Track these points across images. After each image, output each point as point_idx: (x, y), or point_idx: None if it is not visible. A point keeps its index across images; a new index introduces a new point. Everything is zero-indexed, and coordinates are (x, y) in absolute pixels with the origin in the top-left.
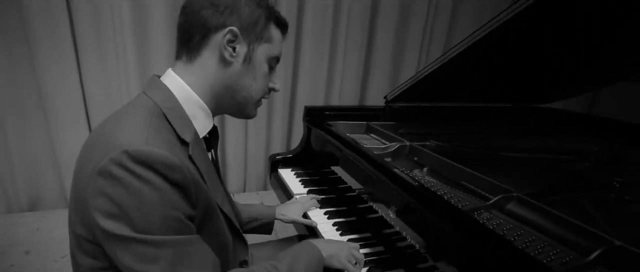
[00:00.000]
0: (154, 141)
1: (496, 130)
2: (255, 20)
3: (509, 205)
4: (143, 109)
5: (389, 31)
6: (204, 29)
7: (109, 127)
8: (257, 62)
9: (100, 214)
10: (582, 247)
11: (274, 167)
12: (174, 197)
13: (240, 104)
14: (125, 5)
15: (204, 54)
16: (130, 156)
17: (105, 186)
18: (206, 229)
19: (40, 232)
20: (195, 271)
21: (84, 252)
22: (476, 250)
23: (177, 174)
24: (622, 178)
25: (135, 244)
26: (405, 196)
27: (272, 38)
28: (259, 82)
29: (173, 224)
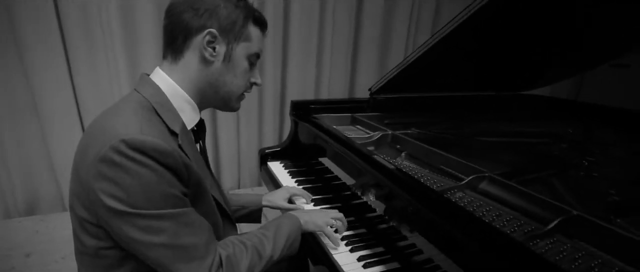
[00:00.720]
0: (148, 130)
1: (478, 117)
2: (233, 21)
3: (482, 184)
4: (135, 103)
5: (375, 24)
6: (185, 31)
7: (107, 119)
8: (236, 60)
9: (106, 196)
10: (543, 219)
11: (263, 160)
12: (168, 177)
13: (223, 99)
14: (113, 9)
15: (187, 55)
16: (127, 144)
17: (108, 171)
18: (198, 208)
19: (40, 235)
20: (195, 237)
21: (88, 234)
22: (447, 226)
23: (169, 159)
24: (593, 157)
25: (140, 218)
26: (383, 179)
27: (250, 36)
28: (239, 78)
29: (171, 200)
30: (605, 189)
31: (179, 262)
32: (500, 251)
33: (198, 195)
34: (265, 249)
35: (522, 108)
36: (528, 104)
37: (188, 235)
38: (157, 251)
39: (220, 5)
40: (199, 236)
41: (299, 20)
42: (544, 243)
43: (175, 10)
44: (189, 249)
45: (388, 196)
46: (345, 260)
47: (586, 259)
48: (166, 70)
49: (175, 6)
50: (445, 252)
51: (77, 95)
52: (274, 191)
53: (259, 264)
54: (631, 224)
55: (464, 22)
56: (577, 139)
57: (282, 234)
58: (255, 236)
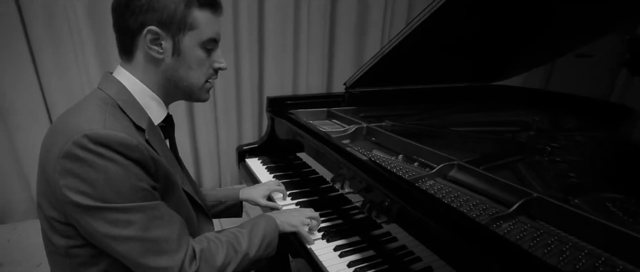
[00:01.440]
0: (111, 124)
1: (451, 108)
2: (172, 12)
3: (451, 172)
4: (98, 100)
5: (350, 18)
6: (128, 33)
7: (69, 116)
8: (187, 51)
9: (72, 191)
10: (507, 202)
11: (241, 157)
12: (136, 171)
13: (185, 92)
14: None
15: (137, 54)
16: (90, 139)
17: (73, 167)
18: (168, 202)
19: (12, 243)
20: (166, 230)
21: (58, 233)
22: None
23: (134, 152)
24: (557, 143)
25: (108, 212)
26: (357, 170)
27: (197, 23)
28: (196, 69)
29: (140, 193)
30: (566, 172)
31: (149, 255)
32: (467, 234)
33: (168, 189)
34: (241, 245)
35: (493, 98)
36: (499, 94)
37: (158, 228)
38: (127, 245)
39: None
40: (169, 229)
41: (274, 16)
42: (507, 225)
43: (114, 11)
44: (159, 242)
45: (362, 187)
46: (322, 251)
47: (544, 238)
48: (126, 68)
49: (115, 8)
50: (418, 238)
51: (46, 98)
52: (252, 186)
53: (235, 259)
54: (586, 203)
55: (434, 13)
56: (543, 127)
57: (258, 232)
58: (230, 233)
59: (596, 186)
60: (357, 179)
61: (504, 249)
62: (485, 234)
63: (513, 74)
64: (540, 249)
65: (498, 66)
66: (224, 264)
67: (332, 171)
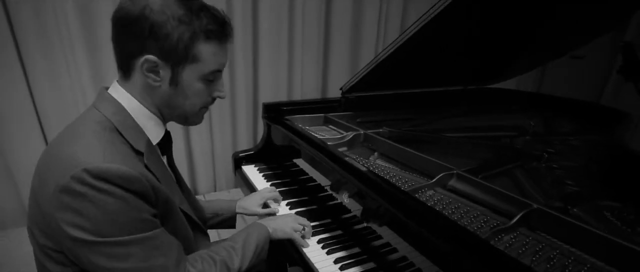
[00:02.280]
0: (111, 156)
1: (446, 113)
2: (174, 43)
3: (451, 181)
4: (95, 124)
5: (344, 22)
6: (126, 53)
7: (65, 144)
8: (186, 83)
9: (70, 226)
10: (508, 213)
11: (237, 164)
12: (137, 203)
13: (180, 118)
14: (70, 10)
15: (134, 75)
16: (90, 173)
17: (71, 201)
18: (167, 225)
19: (3, 251)
20: (165, 258)
21: (52, 260)
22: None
23: (135, 185)
24: (553, 149)
25: (106, 246)
26: (355, 181)
27: (200, 57)
28: (192, 100)
29: (139, 225)
30: (563, 179)
31: None
32: (468, 249)
33: (167, 213)
34: (234, 262)
35: (489, 101)
36: (493, 97)
37: (157, 257)
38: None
39: (158, 24)
40: (167, 257)
41: (269, 22)
42: (509, 237)
43: (114, 28)
44: (157, 270)
45: (361, 197)
46: (323, 263)
47: (546, 251)
48: (123, 86)
49: (115, 24)
50: (419, 249)
51: (37, 104)
52: (247, 196)
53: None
54: (585, 213)
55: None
56: (539, 131)
57: (250, 244)
58: (224, 249)
59: (593, 193)
60: (355, 189)
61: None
62: (488, 249)
63: (508, 76)
64: (543, 264)
65: (493, 69)
66: None
67: (330, 179)
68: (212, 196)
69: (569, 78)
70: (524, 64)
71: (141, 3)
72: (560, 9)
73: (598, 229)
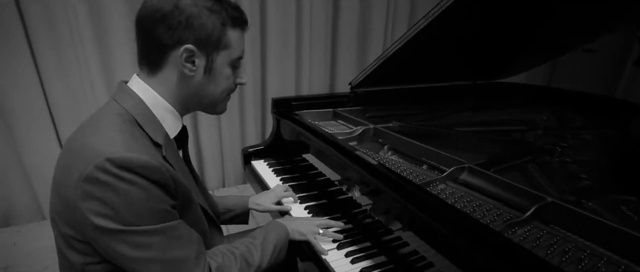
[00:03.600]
0: (132, 146)
1: (456, 107)
2: (210, 31)
3: (462, 175)
4: (116, 116)
5: (352, 17)
6: (160, 47)
7: (87, 135)
8: (218, 69)
9: (94, 215)
10: (521, 206)
11: (247, 159)
12: (157, 193)
13: (207, 107)
14: (80, 8)
15: (165, 69)
16: (113, 163)
17: (95, 190)
18: (185, 218)
19: (18, 246)
20: (184, 250)
21: (74, 250)
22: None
23: (156, 174)
24: (566, 143)
25: (129, 235)
26: (366, 175)
27: (230, 43)
28: (222, 85)
29: (161, 215)
30: (577, 173)
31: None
32: (482, 241)
33: (185, 206)
34: (254, 258)
35: (498, 96)
36: (503, 91)
37: (177, 248)
38: (147, 267)
39: (193, 15)
40: (188, 249)
41: (276, 17)
42: (522, 231)
43: (145, 25)
44: (178, 263)
45: (372, 191)
46: (334, 256)
47: (561, 244)
48: (145, 80)
49: (145, 20)
50: (430, 243)
51: (49, 99)
52: (261, 193)
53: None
54: (601, 206)
55: (440, 14)
56: (551, 125)
57: (270, 242)
58: (243, 245)
59: (608, 187)
60: (367, 184)
61: (521, 257)
62: (501, 242)
63: (518, 71)
64: (558, 257)
65: (502, 63)
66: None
67: (340, 173)
68: (221, 191)
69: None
70: (534, 58)
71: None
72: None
73: (614, 222)
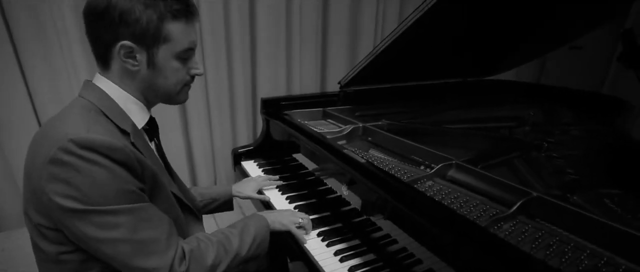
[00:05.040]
0: (95, 128)
1: (446, 105)
2: (145, 26)
3: (450, 172)
4: (81, 108)
5: (342, 16)
6: (101, 43)
7: (53, 124)
8: (162, 63)
9: (59, 196)
10: (507, 201)
11: (237, 160)
12: (122, 173)
13: (163, 98)
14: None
15: (112, 64)
16: (76, 143)
17: (59, 172)
18: (155, 203)
19: (6, 252)
20: (154, 231)
21: (47, 239)
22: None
23: (119, 155)
24: (553, 138)
25: (95, 215)
26: (354, 173)
27: (171, 36)
28: (171, 78)
29: (126, 196)
30: (563, 168)
31: (138, 257)
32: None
33: (155, 190)
34: (232, 245)
35: (487, 93)
36: (492, 89)
37: (146, 229)
38: (115, 247)
39: (126, 11)
40: (158, 230)
41: (266, 16)
42: (508, 225)
43: (87, 23)
44: (148, 244)
45: (360, 189)
46: (323, 255)
47: (546, 238)
48: (105, 76)
49: (86, 18)
50: (419, 240)
51: (36, 105)
52: (243, 180)
53: (225, 258)
54: (585, 200)
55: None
56: (539, 121)
57: (249, 232)
58: (221, 233)
59: (594, 181)
60: (355, 182)
61: (507, 252)
62: (487, 237)
63: (506, 68)
64: (542, 251)
65: (491, 60)
66: (214, 264)
67: (329, 173)
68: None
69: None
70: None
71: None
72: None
73: (598, 216)
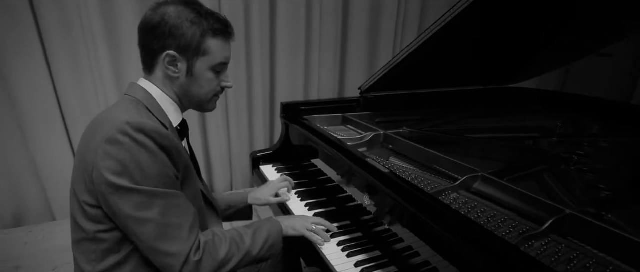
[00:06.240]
0: (146, 116)
1: (468, 113)
2: (189, 40)
3: (475, 184)
4: (130, 102)
5: (362, 22)
6: (150, 52)
7: (110, 113)
8: (199, 73)
9: (109, 173)
10: (537, 218)
11: (255, 164)
12: (163, 158)
13: (195, 105)
14: (93, 12)
15: (156, 70)
16: (131, 126)
17: (112, 150)
18: (185, 192)
19: (29, 246)
20: (181, 219)
21: (87, 217)
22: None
23: (165, 140)
24: (582, 151)
25: (136, 194)
26: (376, 182)
27: (209, 50)
28: (205, 88)
29: (165, 180)
30: (595, 183)
31: (162, 239)
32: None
33: (186, 179)
34: (244, 242)
35: (510, 102)
36: (515, 97)
37: (175, 216)
38: (145, 227)
39: (175, 26)
40: (184, 219)
41: (286, 22)
42: (539, 244)
43: (140, 32)
44: (173, 229)
45: (382, 199)
46: (343, 266)
47: (581, 259)
48: (148, 79)
49: (140, 28)
50: (442, 255)
51: (61, 102)
52: (259, 187)
53: (237, 255)
54: (621, 219)
55: (451, 20)
56: (566, 132)
57: (262, 233)
58: (235, 231)
59: (628, 198)
60: (377, 191)
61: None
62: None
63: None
64: None
65: (516, 68)
66: (226, 258)
67: (350, 180)
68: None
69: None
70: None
71: (161, 12)
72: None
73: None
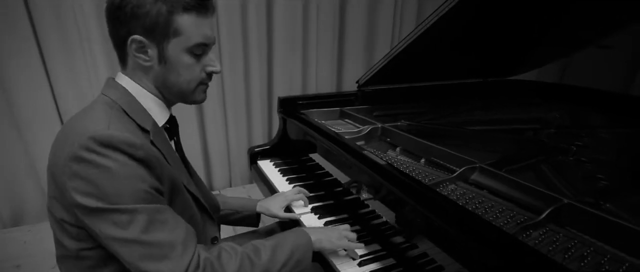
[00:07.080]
0: (115, 125)
1: (466, 105)
2: (154, 19)
3: (473, 175)
4: (103, 105)
5: (360, 16)
6: (117, 41)
7: (76, 120)
8: (173, 59)
9: (78, 194)
10: (535, 208)
11: (253, 159)
12: (140, 172)
13: (179, 96)
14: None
15: (129, 61)
16: (95, 140)
17: (79, 169)
18: (174, 205)
19: (28, 245)
20: (168, 234)
21: (69, 235)
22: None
23: (138, 151)
24: (581, 142)
25: (111, 214)
26: (374, 175)
27: (181, 29)
28: (184, 75)
29: (142, 195)
30: (594, 173)
31: (150, 260)
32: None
33: (173, 191)
34: (260, 257)
35: (508, 94)
36: (514, 89)
37: (161, 231)
38: (128, 247)
39: (137, 5)
40: (175, 234)
41: (283, 15)
42: (537, 233)
43: (106, 18)
44: (162, 247)
45: (379, 192)
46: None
47: (579, 248)
48: (125, 73)
49: (106, 13)
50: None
51: (58, 102)
52: (270, 197)
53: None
54: (619, 209)
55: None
56: (565, 124)
57: (285, 247)
58: (251, 244)
59: (627, 188)
60: (374, 184)
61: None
62: (517, 246)
63: (528, 68)
64: (576, 262)
65: (513, 60)
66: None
67: (348, 174)
68: (228, 191)
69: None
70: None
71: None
72: None
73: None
